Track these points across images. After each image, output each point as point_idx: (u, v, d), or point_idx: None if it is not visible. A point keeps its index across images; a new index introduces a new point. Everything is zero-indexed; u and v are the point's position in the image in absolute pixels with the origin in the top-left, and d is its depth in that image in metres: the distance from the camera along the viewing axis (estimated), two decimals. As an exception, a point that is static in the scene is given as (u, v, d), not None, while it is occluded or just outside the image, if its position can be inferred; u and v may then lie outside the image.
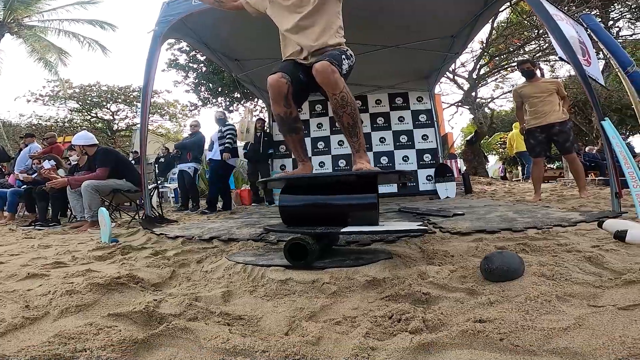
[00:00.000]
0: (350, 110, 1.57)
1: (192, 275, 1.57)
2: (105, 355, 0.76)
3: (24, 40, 12.85)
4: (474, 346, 0.69)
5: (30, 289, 1.33)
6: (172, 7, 2.90)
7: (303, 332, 0.85)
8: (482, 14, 3.28)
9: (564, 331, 0.72)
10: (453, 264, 1.32)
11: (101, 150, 3.70)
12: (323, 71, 1.50)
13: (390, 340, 0.73)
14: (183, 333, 0.84)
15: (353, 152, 1.68)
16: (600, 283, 1.00)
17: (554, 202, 3.26)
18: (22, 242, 2.68)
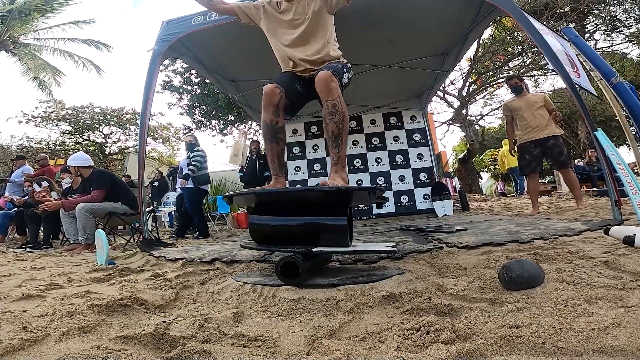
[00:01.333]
0: (338, 119, 1.59)
1: (197, 297, 1.50)
2: None
3: (19, 58, 12.83)
4: (514, 351, 0.67)
5: (26, 309, 1.25)
6: (171, 27, 2.97)
7: (326, 350, 0.81)
8: (471, 31, 3.44)
9: (604, 331, 0.70)
10: (468, 276, 1.29)
11: (97, 172, 3.64)
12: (324, 80, 1.58)
13: (425, 353, 0.70)
14: (200, 356, 0.78)
15: (332, 165, 1.68)
16: (622, 285, 0.99)
17: (553, 214, 3.28)
18: (13, 263, 2.56)
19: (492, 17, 3.13)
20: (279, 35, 1.93)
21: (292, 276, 1.31)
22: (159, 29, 2.97)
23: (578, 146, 10.21)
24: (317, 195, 1.56)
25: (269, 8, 1.97)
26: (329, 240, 1.45)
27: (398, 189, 6.48)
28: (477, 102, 10.48)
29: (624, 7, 9.60)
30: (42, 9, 12.23)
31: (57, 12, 12.75)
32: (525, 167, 3.62)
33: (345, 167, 1.72)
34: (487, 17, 3.04)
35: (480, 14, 3.06)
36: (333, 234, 1.44)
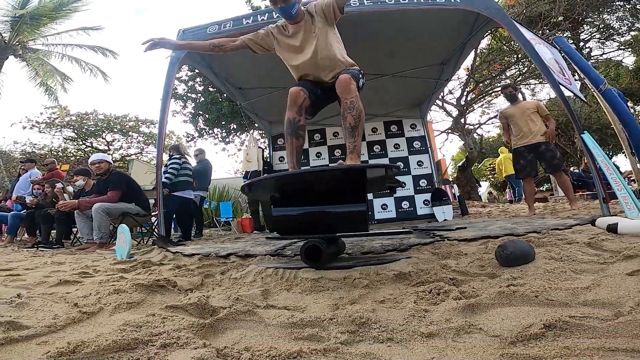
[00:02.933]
0: (356, 113, 1.77)
1: (221, 283, 1.63)
2: (184, 335, 0.81)
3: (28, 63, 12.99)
4: (513, 303, 0.81)
5: (68, 292, 1.38)
6: (187, 35, 3.16)
7: (350, 310, 0.94)
8: (468, 41, 3.66)
9: (586, 289, 0.84)
10: (469, 258, 1.44)
11: (115, 174, 3.80)
12: (344, 81, 1.76)
13: (439, 305, 0.84)
14: (246, 316, 0.92)
15: (348, 153, 1.82)
16: (603, 260, 1.14)
17: (548, 215, 3.44)
18: (32, 259, 2.67)
19: (487, 28, 3.34)
20: (293, 60, 2.05)
21: (315, 260, 1.44)
22: (176, 36, 3.17)
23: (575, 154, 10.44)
24: (335, 176, 1.64)
25: (277, 35, 2.07)
26: (350, 226, 1.57)
27: (399, 195, 6.64)
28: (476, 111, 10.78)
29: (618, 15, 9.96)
30: (53, 15, 12.43)
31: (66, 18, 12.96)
32: (520, 171, 3.79)
33: (360, 156, 1.85)
34: (482, 28, 3.25)
35: (477, 25, 3.28)
36: (354, 220, 1.54)
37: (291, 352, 0.66)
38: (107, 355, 0.71)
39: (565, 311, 0.72)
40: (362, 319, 0.78)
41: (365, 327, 0.76)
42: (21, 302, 1.24)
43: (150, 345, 0.75)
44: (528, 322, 0.64)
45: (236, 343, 0.76)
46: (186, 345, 0.74)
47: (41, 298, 1.31)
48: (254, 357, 0.67)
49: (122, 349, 0.73)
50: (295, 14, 1.97)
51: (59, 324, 0.95)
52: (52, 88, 13.28)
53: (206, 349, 0.70)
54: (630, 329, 0.58)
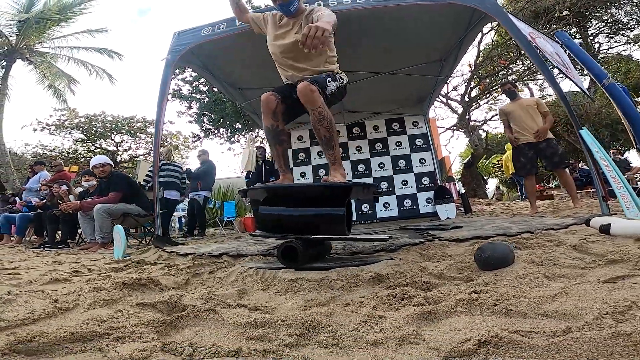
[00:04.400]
0: (327, 124, 1.73)
1: (206, 282, 1.65)
2: (139, 330, 0.84)
3: (35, 66, 13.27)
4: (471, 312, 0.79)
5: (55, 290, 1.43)
6: (182, 38, 3.19)
7: (314, 311, 0.95)
8: (466, 37, 3.59)
9: (552, 298, 0.81)
10: (450, 261, 1.42)
11: (115, 175, 3.87)
12: (302, 90, 1.69)
13: (397, 312, 0.83)
14: (207, 314, 0.93)
15: (329, 165, 1.81)
16: (584, 265, 1.10)
17: (550, 213, 3.37)
18: (34, 259, 2.75)
19: (483, 24, 3.28)
20: (275, 46, 2.07)
21: (292, 260, 1.46)
22: (171, 39, 3.20)
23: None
24: (319, 190, 1.71)
25: (271, 20, 2.13)
26: (328, 229, 1.56)
27: (401, 193, 6.60)
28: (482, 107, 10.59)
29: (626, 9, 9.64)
30: (58, 18, 12.65)
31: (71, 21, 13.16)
32: (521, 169, 3.72)
33: (342, 164, 1.85)
34: (479, 23, 3.19)
35: (473, 21, 3.22)
36: (332, 223, 1.55)
37: (231, 350, 0.68)
38: (62, 344, 0.74)
39: (515, 324, 0.69)
40: (313, 322, 0.78)
41: (314, 330, 0.76)
42: (9, 298, 1.28)
43: (105, 337, 0.78)
44: (465, 336, 0.62)
45: (186, 339, 0.77)
46: (138, 339, 0.76)
47: (28, 295, 1.35)
48: (194, 352, 0.69)
49: (78, 340, 0.77)
50: (294, 11, 1.98)
51: (32, 318, 0.98)
52: (60, 90, 13.56)
53: (153, 343, 0.73)
54: (572, 349, 0.55)
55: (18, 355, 0.69)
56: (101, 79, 13.84)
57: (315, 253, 1.68)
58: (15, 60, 12.98)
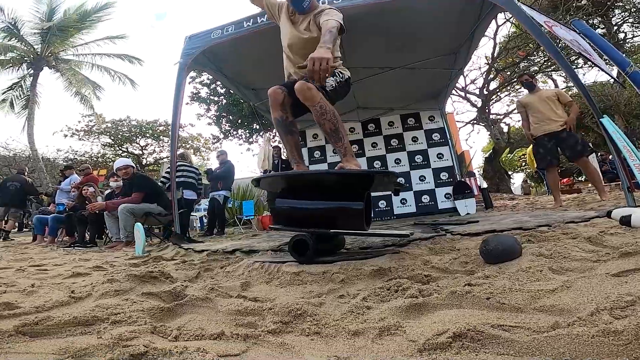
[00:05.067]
0: (330, 116, 1.69)
1: (215, 276, 1.70)
2: (136, 315, 0.89)
3: (61, 74, 14.01)
4: (462, 305, 0.76)
5: (75, 282, 1.52)
6: (194, 41, 3.28)
7: (306, 301, 0.96)
8: (478, 28, 3.47)
9: (551, 292, 0.76)
10: (456, 254, 1.38)
11: (138, 177, 4.06)
12: (300, 89, 1.67)
13: (385, 303, 0.82)
14: (203, 302, 0.97)
15: (341, 157, 1.76)
16: (597, 258, 1.04)
17: (574, 206, 3.19)
18: (64, 257, 2.94)
19: (493, 14, 3.17)
20: (285, 40, 2.06)
21: (302, 254, 1.46)
22: (183, 43, 3.30)
23: (615, 141, 9.50)
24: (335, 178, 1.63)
25: (285, 11, 2.07)
26: (347, 223, 1.52)
27: (419, 189, 6.46)
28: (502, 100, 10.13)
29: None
30: (78, 26, 13.31)
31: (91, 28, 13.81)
32: (541, 161, 3.55)
33: (354, 156, 1.79)
34: (489, 14, 3.08)
35: (483, 12, 3.11)
36: (350, 217, 1.50)
37: (214, 334, 0.71)
38: (65, 328, 0.80)
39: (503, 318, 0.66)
40: (300, 311, 0.78)
41: (300, 319, 0.76)
42: (32, 290, 1.39)
43: (105, 322, 0.84)
44: (442, 329, 0.59)
45: (177, 324, 0.81)
46: (133, 323, 0.81)
47: (49, 287, 1.46)
48: (180, 335, 0.72)
49: (80, 324, 0.82)
50: (307, 7, 1.96)
51: (47, 306, 1.05)
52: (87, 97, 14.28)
53: (145, 326, 0.77)
54: (555, 346, 0.51)
55: (24, 337, 0.75)
56: (124, 84, 14.47)
57: (328, 247, 1.66)
58: (42, 68, 13.70)
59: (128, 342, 0.70)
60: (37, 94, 13.64)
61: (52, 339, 0.76)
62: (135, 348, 0.65)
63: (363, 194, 1.53)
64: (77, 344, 0.71)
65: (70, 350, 0.68)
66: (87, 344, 0.71)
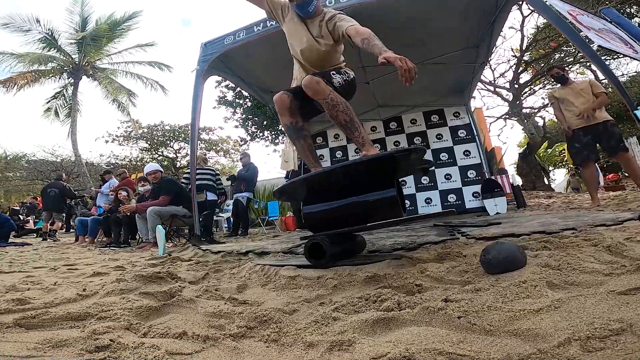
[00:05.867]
0: (343, 107, 1.65)
1: (222, 277, 1.75)
2: (122, 313, 0.95)
3: (99, 82, 15.00)
4: (432, 323, 0.72)
5: (92, 281, 1.64)
6: (209, 48, 3.39)
7: (288, 308, 0.95)
8: (496, 21, 3.27)
9: (534, 313, 0.69)
10: (459, 262, 1.31)
11: (165, 180, 4.30)
12: (308, 84, 1.65)
13: (355, 315, 0.79)
14: (188, 304, 1.01)
15: (360, 148, 1.69)
16: (610, 271, 0.93)
17: (613, 206, 2.90)
18: (96, 257, 3.18)
19: (511, 4, 2.97)
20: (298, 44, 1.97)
21: (319, 257, 1.41)
22: (199, 50, 3.42)
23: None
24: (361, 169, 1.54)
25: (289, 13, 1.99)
26: (383, 214, 1.45)
27: (444, 187, 6.21)
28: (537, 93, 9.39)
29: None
30: (110, 35, 14.19)
31: (122, 37, 14.71)
32: (576, 156, 3.26)
33: (373, 145, 1.72)
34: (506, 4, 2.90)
35: (499, 3, 2.94)
36: (385, 206, 1.43)
37: (177, 333, 0.75)
38: (58, 321, 0.89)
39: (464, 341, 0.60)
40: (266, 317, 0.79)
41: (264, 325, 0.77)
42: (52, 287, 1.52)
43: (93, 318, 0.91)
44: (385, 352, 0.55)
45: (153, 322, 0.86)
46: (115, 320, 0.88)
47: (67, 285, 1.58)
48: (149, 332, 0.77)
49: (72, 318, 0.91)
50: (312, 11, 1.87)
51: (55, 302, 1.15)
52: (123, 104, 15.27)
53: (123, 322, 0.84)
54: None
55: (20, 328, 0.84)
56: (155, 90, 15.32)
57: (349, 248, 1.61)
58: (81, 77, 14.77)
59: (99, 335, 0.77)
60: (79, 102, 14.79)
61: (43, 331, 0.84)
62: (102, 341, 0.72)
63: (392, 180, 1.46)
64: (61, 335, 0.79)
65: (52, 341, 0.76)
66: (69, 336, 0.78)
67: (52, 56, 13.95)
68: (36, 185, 17.29)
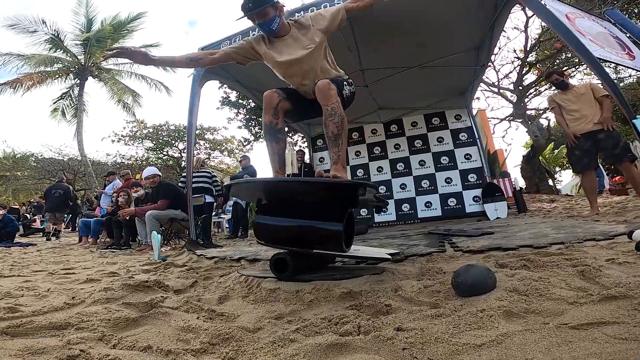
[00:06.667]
0: (337, 120, 1.67)
1: (209, 285, 1.78)
2: (99, 324, 0.99)
3: (104, 83, 15.17)
4: (380, 353, 0.73)
5: (83, 288, 1.69)
6: None
7: (255, 325, 0.98)
8: (496, 23, 3.25)
9: (476, 348, 0.70)
10: (434, 280, 1.32)
11: (164, 185, 4.36)
12: (323, 87, 1.66)
13: (312, 337, 0.81)
14: (163, 317, 1.05)
15: (332, 163, 1.71)
16: (575, 299, 0.92)
17: (612, 215, 2.87)
18: (95, 260, 3.25)
19: (510, 6, 2.96)
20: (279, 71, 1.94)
21: (283, 272, 1.48)
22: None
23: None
24: (312, 189, 1.60)
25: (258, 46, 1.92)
26: (326, 244, 1.49)
27: (445, 191, 6.19)
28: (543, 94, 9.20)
29: None
30: (114, 36, 14.33)
31: (127, 37, 14.84)
32: (576, 163, 3.22)
33: (345, 167, 1.76)
34: (505, 6, 2.89)
35: (499, 5, 2.92)
36: (329, 238, 1.46)
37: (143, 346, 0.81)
38: (41, 331, 0.95)
39: None
40: (228, 335, 0.83)
41: (225, 342, 0.81)
42: (45, 294, 1.57)
43: (72, 327, 0.97)
44: None
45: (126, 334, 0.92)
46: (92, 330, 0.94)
47: (59, 292, 1.63)
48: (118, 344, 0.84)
49: (54, 328, 0.97)
50: (276, 29, 1.85)
51: (42, 311, 1.20)
52: (129, 104, 15.45)
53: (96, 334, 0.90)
54: None
55: (6, 336, 0.90)
56: (160, 91, 15.49)
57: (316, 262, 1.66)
58: (87, 78, 14.93)
59: (73, 345, 0.82)
60: (85, 102, 15.02)
61: (26, 339, 0.89)
62: (73, 351, 0.78)
63: (343, 214, 1.49)
64: (40, 344, 0.84)
65: (32, 349, 0.81)
66: (47, 345, 0.83)
67: (58, 57, 14.18)
68: (44, 184, 17.64)
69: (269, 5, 1.78)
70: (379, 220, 6.25)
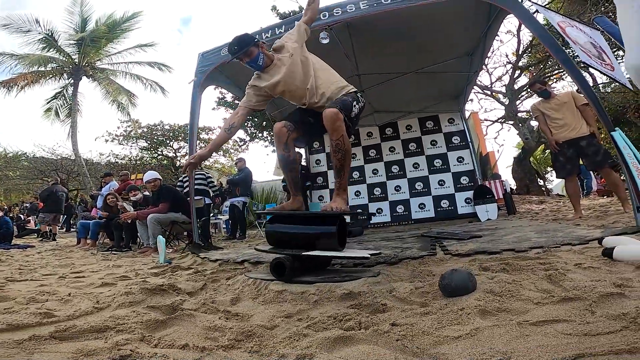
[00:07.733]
0: (341, 156, 1.82)
1: (218, 288, 1.93)
2: (135, 326, 1.13)
3: (98, 82, 15.02)
4: (379, 344, 0.87)
5: (102, 292, 1.81)
6: (206, 58, 3.52)
7: (270, 323, 1.13)
8: (489, 31, 3.44)
9: (454, 339, 0.85)
10: (424, 282, 1.48)
11: (164, 188, 4.47)
12: (329, 118, 1.73)
13: (321, 332, 0.97)
14: (188, 318, 1.19)
15: (335, 189, 1.93)
16: (540, 300, 1.08)
17: (593, 218, 3.07)
18: (100, 263, 3.35)
19: (502, 17, 3.14)
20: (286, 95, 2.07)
21: (282, 274, 1.64)
22: (197, 60, 3.55)
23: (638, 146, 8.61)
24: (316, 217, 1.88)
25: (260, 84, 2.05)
26: (322, 245, 1.70)
27: (438, 193, 6.39)
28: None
29: None
30: (109, 36, 14.20)
31: (122, 37, 14.69)
32: (560, 170, 3.42)
33: (346, 190, 1.96)
34: (498, 15, 3.08)
35: (492, 14, 3.11)
36: (325, 239, 1.69)
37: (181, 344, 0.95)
38: (84, 334, 1.07)
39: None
40: (251, 332, 0.98)
41: (249, 338, 0.96)
42: (68, 299, 1.70)
43: (112, 330, 1.09)
44: None
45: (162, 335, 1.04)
46: (131, 332, 1.06)
47: (81, 296, 1.76)
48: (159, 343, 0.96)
49: (95, 331, 1.09)
50: (262, 63, 2.00)
51: (75, 315, 1.33)
52: (123, 104, 15.36)
53: (137, 335, 1.03)
54: None
55: (55, 340, 1.02)
56: (155, 91, 15.43)
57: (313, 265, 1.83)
58: (81, 78, 14.73)
59: (121, 346, 0.94)
60: (79, 102, 14.84)
61: (74, 342, 1.02)
62: (124, 351, 0.90)
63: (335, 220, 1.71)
64: (89, 346, 0.97)
65: (84, 351, 0.93)
66: (95, 347, 0.96)
67: (52, 57, 14.00)
68: (36, 184, 17.44)
69: (252, 45, 1.96)
70: (375, 222, 6.42)
